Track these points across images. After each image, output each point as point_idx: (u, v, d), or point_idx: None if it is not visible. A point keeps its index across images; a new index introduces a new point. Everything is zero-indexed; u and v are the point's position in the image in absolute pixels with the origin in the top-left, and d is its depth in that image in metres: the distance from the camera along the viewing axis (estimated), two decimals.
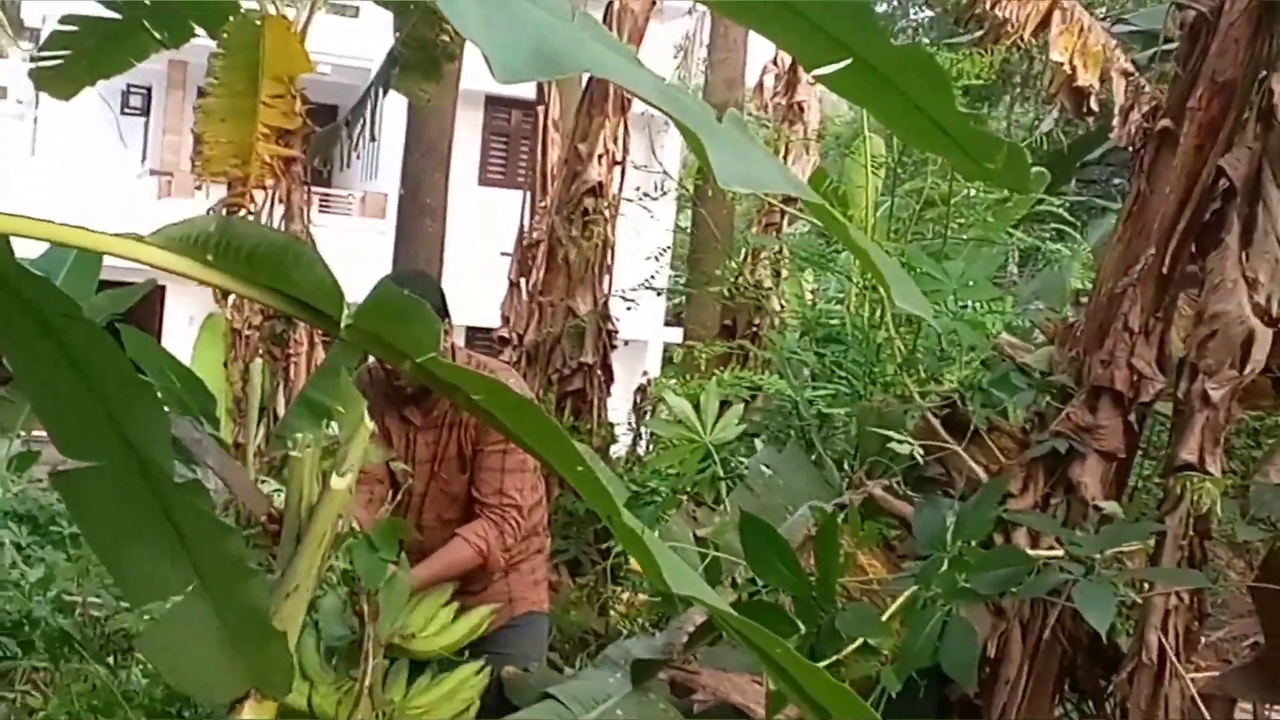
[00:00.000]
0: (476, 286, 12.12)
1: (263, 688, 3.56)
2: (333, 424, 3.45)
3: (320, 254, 2.05)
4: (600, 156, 7.40)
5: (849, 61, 2.03)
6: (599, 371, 7.45)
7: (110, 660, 5.20)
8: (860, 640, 3.09)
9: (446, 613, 3.79)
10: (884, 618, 3.24)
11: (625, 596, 6.49)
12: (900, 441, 3.88)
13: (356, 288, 2.08)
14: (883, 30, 2.03)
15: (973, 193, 6.13)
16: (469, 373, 2.06)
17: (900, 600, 3.31)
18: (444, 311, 3.84)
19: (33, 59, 9.48)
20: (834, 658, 3.04)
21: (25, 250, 2.77)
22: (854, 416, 4.90)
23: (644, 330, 17.90)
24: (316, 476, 3.23)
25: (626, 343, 7.87)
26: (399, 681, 3.65)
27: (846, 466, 4.69)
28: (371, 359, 4.24)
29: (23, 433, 10.20)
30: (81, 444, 3.11)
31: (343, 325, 2.03)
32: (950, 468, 4.00)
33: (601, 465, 2.21)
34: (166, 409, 3.39)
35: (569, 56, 1.82)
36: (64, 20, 8.98)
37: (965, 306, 4.68)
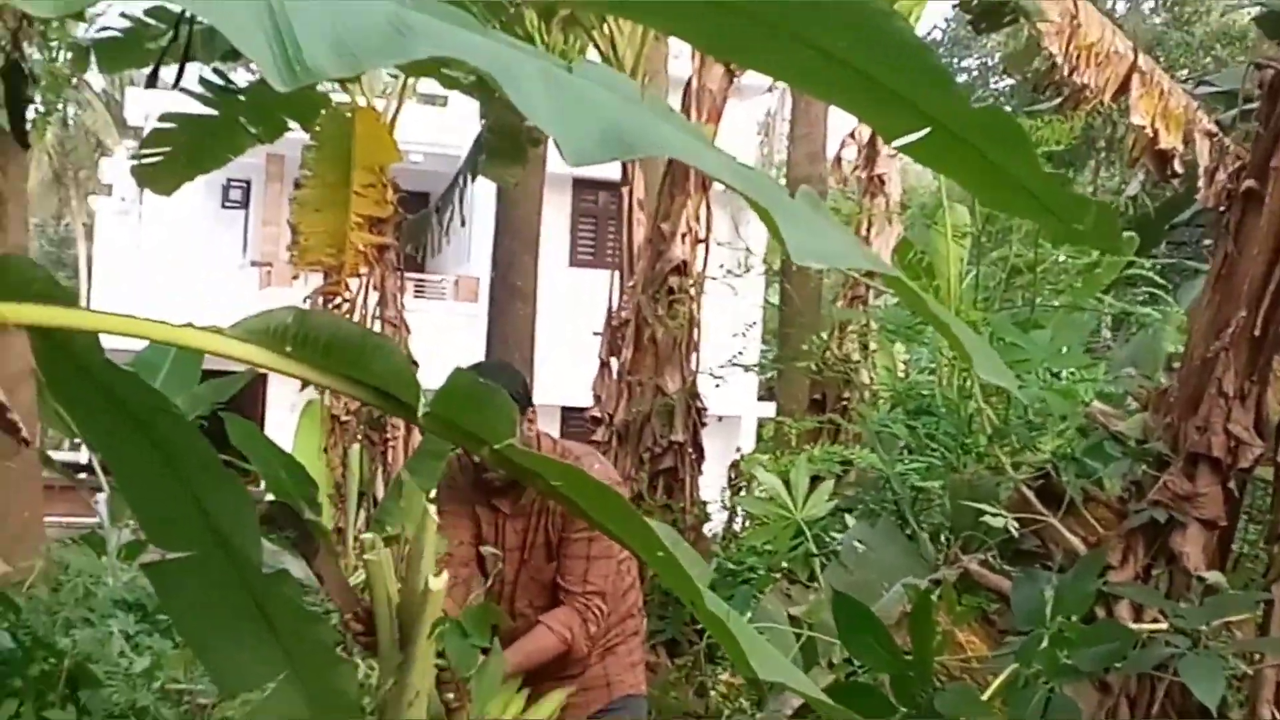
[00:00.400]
0: (569, 366, 12.19)
1: None
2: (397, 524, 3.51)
3: (395, 343, 2.08)
4: (683, 235, 7.43)
5: (928, 130, 2.02)
6: (689, 449, 7.42)
7: None
8: None
9: (519, 698, 3.77)
10: (984, 697, 3.17)
11: (724, 677, 6.42)
12: (994, 514, 3.82)
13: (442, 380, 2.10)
14: (961, 94, 2.01)
15: (1061, 259, 6.06)
16: (547, 459, 2.07)
17: (1001, 678, 3.23)
18: (526, 400, 3.85)
19: (134, 156, 9.77)
20: None
21: (129, 342, 2.84)
22: (947, 489, 4.83)
23: (737, 406, 17.84)
24: (395, 576, 3.25)
25: (720, 419, 7.85)
26: None
27: (942, 540, 4.61)
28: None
29: (131, 522, 10.39)
30: (171, 534, 3.15)
31: (420, 413, 2.05)
32: (1047, 540, 3.93)
33: (685, 548, 2.20)
34: (272, 497, 3.44)
35: (638, 138, 1.83)
36: (163, 118, 9.27)
37: (1056, 375, 4.60)
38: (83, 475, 12.11)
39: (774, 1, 1.91)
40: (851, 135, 9.95)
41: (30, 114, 5.67)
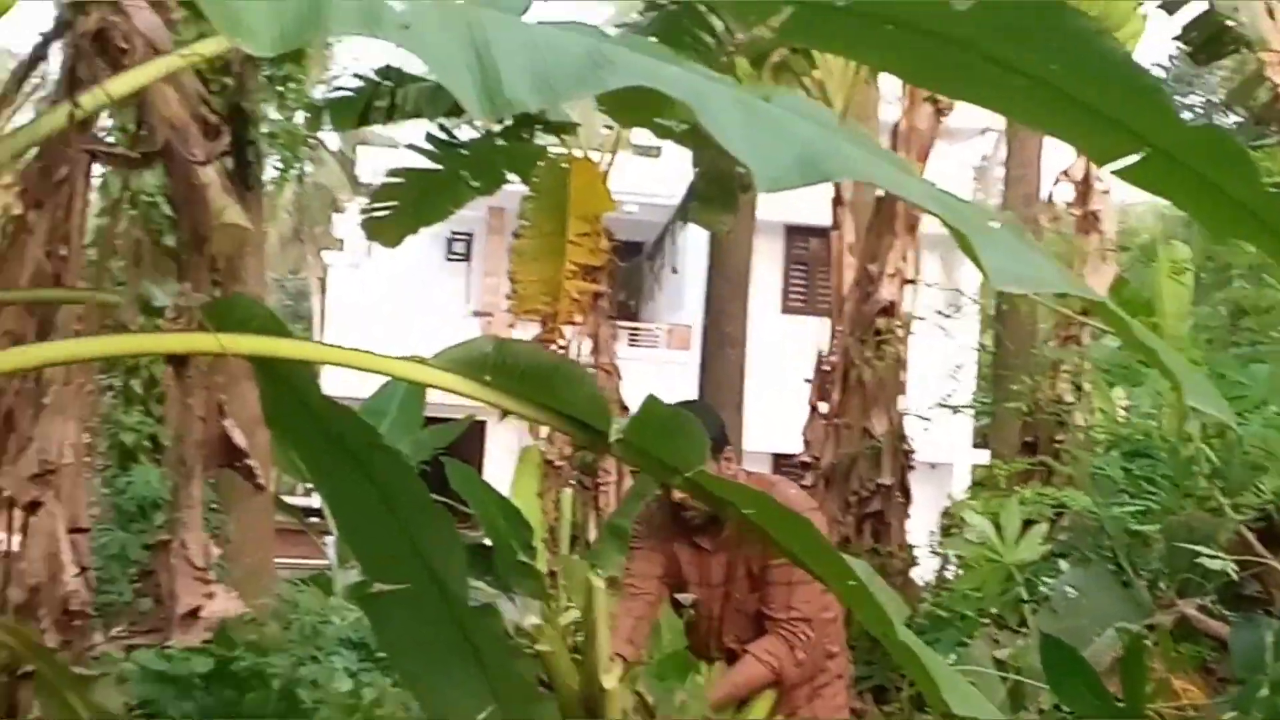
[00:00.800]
0: (780, 413, 12.16)
1: None
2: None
3: (588, 372, 2.14)
4: (891, 275, 7.39)
5: (1144, 153, 1.99)
6: (897, 492, 7.34)
7: None
8: None
9: None
10: None
11: None
12: (1212, 557, 3.68)
13: None
14: (1177, 115, 1.98)
15: None
16: (739, 485, 2.11)
17: None
18: (722, 440, 3.86)
19: (363, 210, 10.18)
20: None
21: (357, 392, 2.99)
22: (1164, 533, 4.68)
23: (950, 453, 17.49)
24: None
25: (933, 466, 7.75)
26: None
27: (1159, 586, 4.46)
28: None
29: (358, 564, 10.74)
30: (385, 567, 3.28)
31: (611, 439, 2.10)
32: (1269, 584, 3.77)
33: (879, 583, 2.20)
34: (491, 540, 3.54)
35: (831, 163, 1.86)
36: (391, 173, 9.66)
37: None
38: (313, 519, 12.61)
39: (982, 28, 1.92)
40: (1065, 173, 9.75)
41: (265, 168, 5.99)
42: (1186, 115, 19.02)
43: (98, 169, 4.02)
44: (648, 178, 18.92)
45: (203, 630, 4.29)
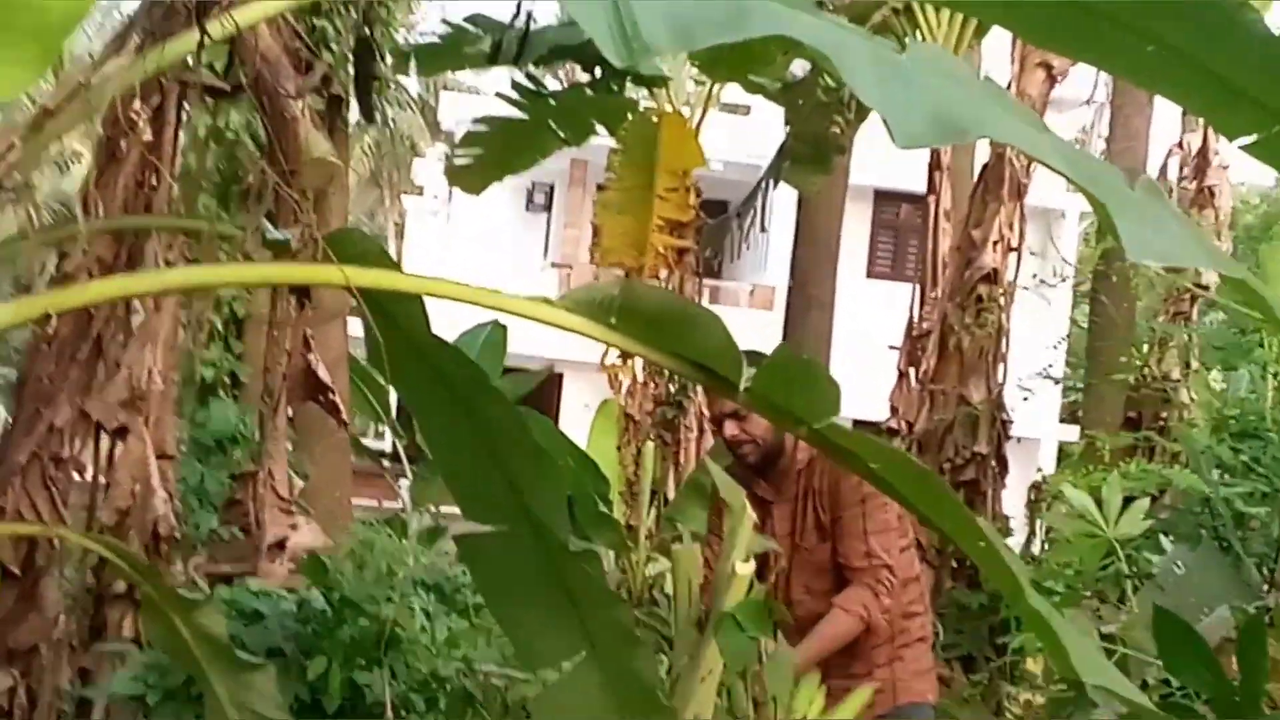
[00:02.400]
0: (863, 379, 12.05)
1: None
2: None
3: (719, 318, 2.06)
4: (995, 243, 7.24)
5: (1277, 129, 1.90)
6: (993, 462, 7.22)
7: None
8: None
9: (820, 694, 3.70)
10: None
11: (1023, 698, 6.20)
12: None
13: None
14: None
15: None
16: (868, 440, 2.02)
17: None
18: None
19: (447, 157, 10.15)
20: None
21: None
22: (1274, 516, 4.54)
23: (1037, 428, 17.29)
24: (699, 565, 3.25)
25: (1019, 440, 7.62)
26: None
27: (1265, 570, 4.33)
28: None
29: (432, 507, 10.82)
30: (484, 508, 3.23)
31: (741, 388, 2.03)
32: None
33: (1004, 544, 2.11)
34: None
35: (969, 121, 1.79)
36: (477, 120, 9.61)
37: None
38: (387, 463, 12.71)
39: None
40: (1179, 145, 9.53)
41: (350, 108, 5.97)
42: None
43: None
44: (735, 136, 18.80)
45: (288, 560, 4.31)
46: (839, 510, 3.87)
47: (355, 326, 5.09)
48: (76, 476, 3.96)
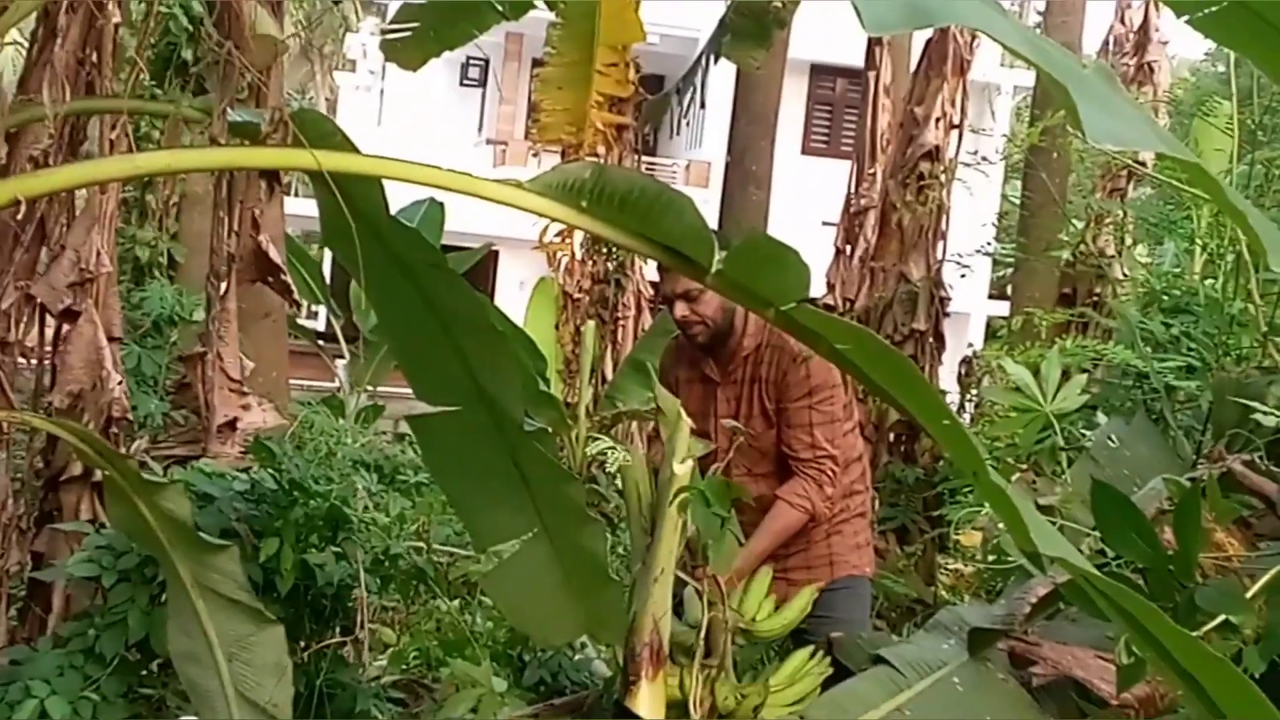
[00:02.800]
0: None
1: (598, 633, 3.67)
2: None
3: (691, 201, 2.08)
4: (937, 120, 7.24)
5: (1225, 3, 1.94)
6: (931, 338, 7.31)
7: (456, 603, 5.42)
8: (1221, 618, 2.94)
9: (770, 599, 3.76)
10: (1248, 595, 3.07)
11: (953, 566, 6.38)
12: (1266, 413, 3.66)
13: None
14: None
15: None
16: (834, 320, 2.06)
17: (1265, 579, 3.12)
18: None
19: (383, 31, 9.97)
20: (1192, 635, 2.89)
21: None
22: (1203, 390, 4.65)
23: (966, 303, 17.53)
24: (646, 474, 3.29)
25: (948, 315, 7.69)
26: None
27: (1194, 441, 4.45)
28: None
29: (369, 387, 10.83)
30: (437, 387, 3.25)
31: (712, 270, 2.06)
32: None
33: (962, 423, 2.17)
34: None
35: (936, 8, 1.80)
36: None
37: None
38: (322, 343, 12.67)
39: None
40: (1121, 20, 9.53)
41: None
42: None
43: None
44: (670, 9, 18.55)
45: (239, 441, 4.31)
46: (785, 401, 3.92)
47: (292, 205, 5.04)
48: (23, 361, 3.94)
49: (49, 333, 4.00)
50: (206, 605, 3.14)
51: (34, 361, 4.01)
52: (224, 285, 4.17)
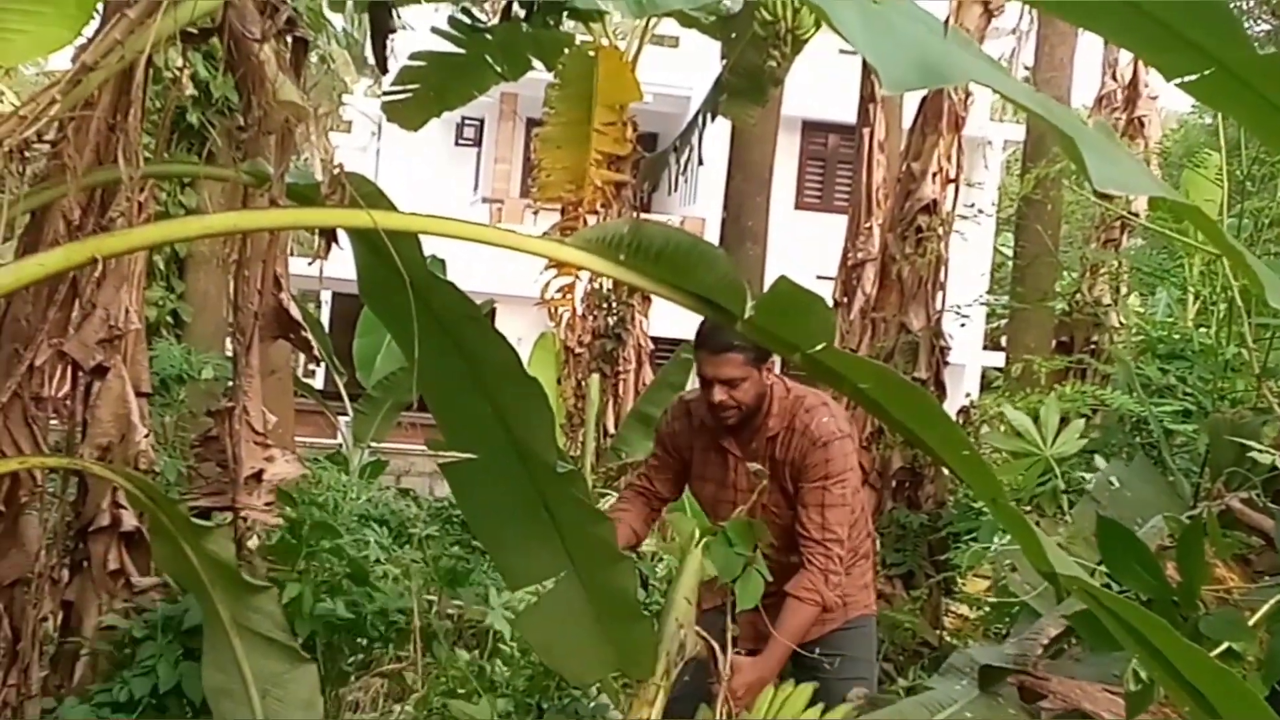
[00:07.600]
0: None
1: (628, 670, 3.76)
2: None
3: (724, 253, 2.20)
4: (934, 175, 7.40)
5: (1210, 70, 2.06)
6: (932, 387, 7.42)
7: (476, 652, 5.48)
8: (1224, 646, 3.05)
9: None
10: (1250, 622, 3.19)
11: (960, 610, 6.47)
12: (1262, 451, 3.79)
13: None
14: (1246, 37, 2.06)
15: None
16: (859, 360, 2.19)
17: (1266, 608, 3.25)
18: (767, 351, 3.93)
19: (385, 93, 10.14)
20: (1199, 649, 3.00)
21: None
22: (1200, 432, 4.79)
23: (962, 354, 17.67)
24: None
25: (948, 364, 7.82)
26: None
27: (1193, 482, 4.58)
28: (689, 395, 4.43)
29: (373, 443, 10.94)
30: (471, 436, 3.36)
31: (743, 318, 2.18)
32: None
33: (980, 452, 2.29)
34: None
35: (950, 68, 1.94)
36: (414, 56, 9.60)
37: None
38: (329, 401, 12.78)
39: None
40: (1113, 76, 9.74)
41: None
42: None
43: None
44: (664, 68, 18.83)
45: (265, 492, 4.41)
46: (802, 480, 4.02)
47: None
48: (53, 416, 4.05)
49: (80, 388, 4.12)
50: (243, 643, 3.24)
51: (65, 415, 4.12)
52: (248, 342, 4.29)
